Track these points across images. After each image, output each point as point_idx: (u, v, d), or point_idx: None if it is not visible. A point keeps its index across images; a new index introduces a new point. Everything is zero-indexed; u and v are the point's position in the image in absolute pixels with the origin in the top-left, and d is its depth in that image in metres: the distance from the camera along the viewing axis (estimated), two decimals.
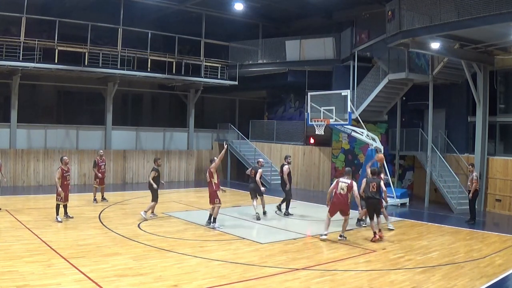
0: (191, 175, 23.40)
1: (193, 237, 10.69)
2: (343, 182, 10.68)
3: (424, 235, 11.94)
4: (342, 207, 10.69)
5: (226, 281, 7.57)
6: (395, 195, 16.86)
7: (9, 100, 18.87)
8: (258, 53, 23.23)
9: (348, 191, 10.58)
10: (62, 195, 11.73)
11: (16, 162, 18.51)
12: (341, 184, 10.66)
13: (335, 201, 10.71)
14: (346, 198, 10.63)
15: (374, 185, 11.05)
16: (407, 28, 14.08)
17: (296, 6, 21.42)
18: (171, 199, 16.67)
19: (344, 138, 19.94)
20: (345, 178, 10.77)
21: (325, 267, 8.62)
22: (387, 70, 18.00)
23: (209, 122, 25.66)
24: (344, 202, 10.64)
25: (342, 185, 10.63)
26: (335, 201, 10.72)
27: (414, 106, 19.39)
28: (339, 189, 10.64)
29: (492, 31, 13.27)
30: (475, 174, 13.52)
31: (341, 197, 10.62)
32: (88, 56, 18.72)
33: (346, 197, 10.62)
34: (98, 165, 15.16)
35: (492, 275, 8.34)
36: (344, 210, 10.70)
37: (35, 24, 18.86)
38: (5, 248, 8.83)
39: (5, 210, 12.82)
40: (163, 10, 21.48)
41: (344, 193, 10.59)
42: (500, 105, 17.08)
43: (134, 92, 24.55)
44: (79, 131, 20.77)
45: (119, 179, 21.08)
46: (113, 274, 7.59)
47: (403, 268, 8.63)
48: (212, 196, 11.82)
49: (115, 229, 11.03)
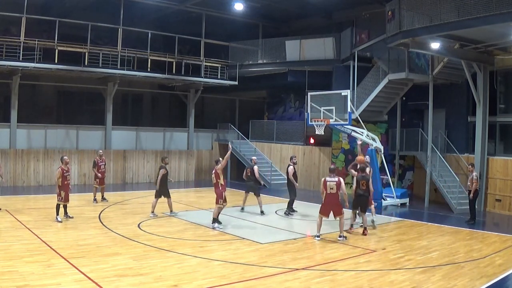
0: (191, 175, 23.41)
1: (193, 237, 10.68)
2: (330, 181, 10.58)
3: (424, 235, 11.94)
4: (334, 208, 10.60)
5: (226, 281, 7.57)
6: (395, 195, 16.86)
7: (9, 100, 18.87)
8: (258, 53, 23.23)
9: (338, 189, 10.51)
10: (63, 195, 11.73)
11: (16, 162, 18.52)
12: (329, 183, 10.56)
13: (327, 201, 10.62)
14: (337, 197, 10.59)
15: (364, 183, 11.49)
16: (407, 28, 14.07)
17: (296, 6, 21.43)
18: (171, 199, 16.66)
19: (344, 138, 19.95)
20: (332, 176, 10.68)
21: (325, 267, 8.62)
22: (387, 70, 18.00)
23: (209, 122, 25.67)
24: (335, 202, 10.59)
25: (330, 184, 10.54)
26: (326, 201, 10.63)
27: (414, 106, 19.39)
28: (328, 189, 10.54)
29: (492, 31, 13.26)
30: (475, 174, 13.51)
31: (332, 196, 10.55)
32: (88, 56, 18.73)
33: (337, 196, 10.57)
34: (98, 165, 15.16)
35: (492, 275, 8.34)
36: (336, 210, 10.62)
37: (35, 24, 18.85)
38: (5, 248, 8.83)
39: (5, 210, 12.83)
40: (163, 10, 21.48)
41: (334, 192, 10.52)
42: (500, 105, 17.09)
43: (134, 92, 24.56)
44: (79, 131, 20.77)
45: (119, 179, 21.08)
46: (113, 274, 7.59)
47: (403, 268, 8.63)
48: (218, 196, 11.77)
49: (115, 229, 11.03)
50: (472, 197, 13.62)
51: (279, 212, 14.46)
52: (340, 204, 10.67)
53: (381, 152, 16.60)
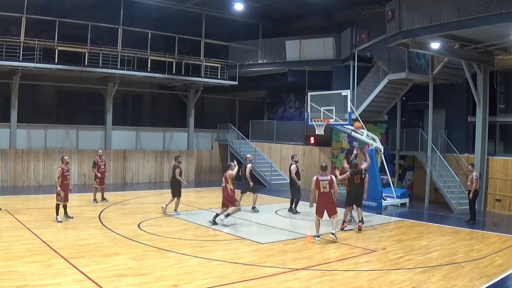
0: (191, 175, 23.39)
1: (193, 237, 10.69)
2: (323, 180, 10.40)
3: (424, 235, 11.94)
4: (327, 207, 10.43)
5: (226, 281, 7.57)
6: (395, 195, 16.86)
7: (9, 100, 18.87)
8: (258, 53, 23.23)
9: (331, 187, 10.36)
10: (62, 195, 11.73)
11: (16, 162, 18.51)
12: (322, 182, 10.38)
13: (320, 201, 10.47)
14: (331, 195, 10.42)
15: (358, 178, 11.77)
16: (407, 28, 14.07)
17: (296, 6, 21.43)
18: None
19: (344, 138, 19.95)
20: (324, 175, 10.49)
21: (325, 267, 8.62)
22: (387, 70, 18.00)
23: (209, 122, 25.67)
24: (329, 200, 10.44)
25: (323, 183, 10.37)
26: (320, 201, 10.47)
27: (414, 106, 19.39)
28: (321, 188, 10.36)
29: (492, 31, 13.26)
30: (474, 174, 13.51)
31: (325, 195, 10.40)
32: (88, 56, 18.73)
33: (330, 195, 10.40)
34: (98, 165, 15.15)
35: (492, 275, 8.34)
36: (331, 210, 10.45)
37: (35, 24, 18.85)
38: (5, 248, 8.83)
39: (5, 210, 12.83)
40: (163, 10, 21.48)
41: (327, 190, 10.37)
42: (500, 105, 17.09)
43: (134, 92, 24.56)
44: (79, 131, 20.77)
45: (119, 179, 21.08)
46: (113, 274, 7.59)
47: (403, 268, 8.63)
48: (229, 200, 11.80)
49: (115, 229, 11.03)
50: (472, 197, 13.62)
51: (279, 212, 14.46)
52: (334, 203, 10.54)
53: (381, 152, 16.60)
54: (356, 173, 11.82)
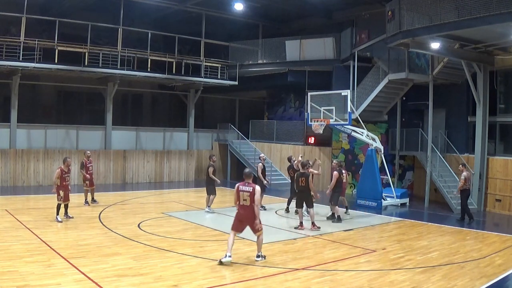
0: (191, 175, 23.41)
1: (193, 237, 10.68)
2: (243, 191, 8.44)
3: (424, 235, 11.93)
4: (249, 222, 8.47)
5: (226, 281, 7.57)
6: (395, 195, 16.86)
7: (9, 100, 18.87)
8: (258, 53, 23.23)
9: (252, 201, 8.34)
10: (62, 195, 11.70)
11: (16, 162, 18.51)
12: (243, 194, 8.43)
13: (240, 213, 8.54)
14: (252, 210, 8.35)
15: (303, 180, 11.56)
16: (407, 28, 14.07)
17: (296, 6, 21.42)
18: (171, 199, 16.69)
19: (344, 138, 19.95)
20: (246, 185, 8.49)
21: (325, 267, 8.61)
22: (387, 70, 18.01)
23: (209, 122, 25.68)
24: (250, 215, 8.40)
25: (243, 195, 8.42)
26: (240, 213, 8.55)
27: (414, 106, 19.40)
28: (241, 200, 8.46)
29: (492, 31, 13.27)
30: (463, 174, 13.76)
31: (245, 209, 8.45)
32: (88, 56, 18.73)
33: (251, 209, 8.36)
34: (86, 166, 14.51)
35: (492, 275, 8.33)
36: (253, 226, 8.49)
37: (35, 24, 18.86)
38: (5, 248, 8.82)
39: (5, 210, 12.82)
40: (163, 10, 21.49)
41: (248, 204, 8.38)
42: (500, 105, 17.09)
43: (134, 92, 24.57)
44: (79, 131, 20.77)
45: (119, 179, 21.08)
46: (113, 274, 7.58)
47: (403, 268, 8.62)
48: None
49: (115, 229, 11.03)
50: (461, 195, 13.86)
51: (279, 212, 14.46)
52: (256, 218, 8.44)
53: (381, 152, 16.60)
54: (302, 175, 11.61)
